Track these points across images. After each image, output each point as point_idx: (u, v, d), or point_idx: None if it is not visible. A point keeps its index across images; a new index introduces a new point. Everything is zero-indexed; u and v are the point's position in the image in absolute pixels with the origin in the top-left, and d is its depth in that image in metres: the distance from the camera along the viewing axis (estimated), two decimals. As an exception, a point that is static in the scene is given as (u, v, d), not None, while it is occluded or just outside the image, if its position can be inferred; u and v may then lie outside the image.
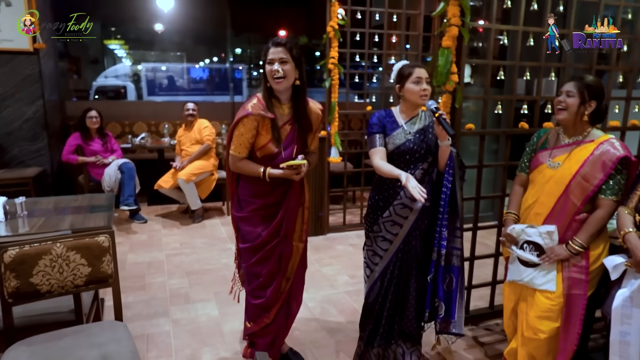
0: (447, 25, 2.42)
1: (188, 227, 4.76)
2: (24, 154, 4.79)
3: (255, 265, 2.19)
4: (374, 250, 2.22)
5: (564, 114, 1.98)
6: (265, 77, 2.04)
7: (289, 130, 2.13)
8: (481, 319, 2.90)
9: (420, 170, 2.13)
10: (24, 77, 4.65)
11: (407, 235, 2.15)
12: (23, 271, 1.82)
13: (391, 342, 2.30)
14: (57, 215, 2.59)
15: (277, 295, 2.23)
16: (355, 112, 5.33)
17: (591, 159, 1.93)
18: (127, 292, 3.21)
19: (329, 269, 3.71)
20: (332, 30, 4.12)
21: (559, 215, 1.99)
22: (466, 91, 5.19)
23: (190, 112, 4.95)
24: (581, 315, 1.95)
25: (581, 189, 1.93)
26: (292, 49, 2.00)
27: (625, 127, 2.86)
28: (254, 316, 2.27)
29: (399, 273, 2.20)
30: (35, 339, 1.78)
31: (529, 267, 2.05)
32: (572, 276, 1.96)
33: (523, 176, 2.23)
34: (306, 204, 2.27)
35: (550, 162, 2.05)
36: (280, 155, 2.11)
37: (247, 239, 2.19)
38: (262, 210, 2.15)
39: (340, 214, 4.83)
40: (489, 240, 3.64)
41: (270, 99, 2.08)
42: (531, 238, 2.03)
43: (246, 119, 2.04)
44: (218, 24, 11.47)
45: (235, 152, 2.09)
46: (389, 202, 2.15)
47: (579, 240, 1.93)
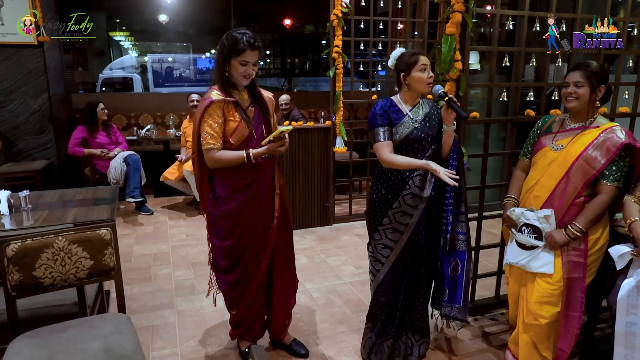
0: (451, 12, 2.37)
1: (194, 218, 4.78)
2: (30, 147, 4.83)
3: (238, 258, 2.19)
4: (384, 244, 2.18)
5: (576, 102, 1.98)
6: (224, 68, 2.05)
7: (254, 112, 2.15)
8: (487, 309, 2.88)
9: (426, 157, 2.10)
10: (29, 71, 4.67)
11: (416, 225, 2.13)
12: (26, 264, 1.83)
13: (402, 333, 2.29)
14: (61, 208, 2.60)
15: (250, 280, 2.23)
16: (361, 101, 5.28)
17: (595, 143, 1.93)
18: (133, 284, 3.24)
19: (335, 259, 3.71)
20: (335, 19, 4.07)
21: (558, 199, 1.98)
22: (474, 78, 5.15)
23: (194, 103, 4.94)
24: (581, 299, 1.94)
25: (583, 172, 1.93)
26: (261, 50, 2.09)
27: (635, 112, 2.80)
28: (235, 303, 2.30)
29: (410, 264, 2.19)
30: (39, 331, 1.80)
31: (526, 249, 2.05)
32: (572, 260, 1.96)
33: (525, 161, 2.23)
34: (277, 191, 2.24)
35: (554, 144, 2.05)
36: (253, 136, 2.11)
37: (227, 235, 2.16)
38: (243, 204, 2.13)
39: (346, 204, 4.82)
40: (496, 229, 3.61)
41: (228, 88, 2.09)
42: (530, 221, 2.03)
43: (211, 108, 2.03)
44: (222, 14, 11.42)
45: (210, 145, 2.04)
46: (398, 192, 2.12)
47: (578, 225, 1.92)
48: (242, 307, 2.30)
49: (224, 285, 2.29)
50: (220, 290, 2.34)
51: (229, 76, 2.07)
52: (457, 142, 2.12)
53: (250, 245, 2.19)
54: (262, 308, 2.36)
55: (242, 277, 2.23)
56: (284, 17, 11.78)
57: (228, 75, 2.07)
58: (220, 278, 2.30)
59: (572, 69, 2.00)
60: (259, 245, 2.22)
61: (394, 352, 2.30)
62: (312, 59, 15.31)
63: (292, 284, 2.43)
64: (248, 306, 2.29)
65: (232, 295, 2.29)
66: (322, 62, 12.62)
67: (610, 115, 2.71)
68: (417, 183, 2.08)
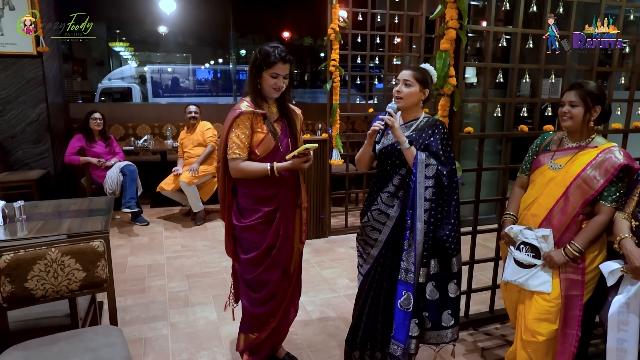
0: (445, 28, 2.40)
1: (190, 229, 4.77)
2: (27, 157, 4.83)
3: (264, 273, 2.15)
4: (360, 252, 2.24)
5: (570, 122, 1.99)
6: (256, 80, 2.08)
7: (281, 126, 2.17)
8: (481, 324, 2.87)
9: (398, 176, 2.06)
10: (28, 81, 4.69)
11: (385, 243, 2.10)
12: (18, 276, 1.83)
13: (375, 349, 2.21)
14: (56, 218, 2.60)
15: (283, 297, 2.24)
16: (358, 114, 5.31)
17: (593, 164, 1.93)
18: (126, 295, 3.22)
19: (330, 272, 3.70)
20: (332, 33, 4.11)
21: (557, 217, 1.99)
22: (472, 92, 5.18)
23: (192, 114, 4.97)
24: (579, 317, 1.94)
25: (582, 192, 1.94)
26: (292, 64, 2.10)
27: (627, 129, 2.82)
28: (259, 325, 2.22)
29: (379, 278, 2.14)
30: (29, 344, 1.79)
31: (524, 268, 2.05)
32: (569, 277, 1.96)
33: (524, 178, 2.24)
34: (304, 204, 2.27)
35: (552, 163, 2.06)
36: (279, 149, 2.12)
37: (253, 247, 2.14)
38: (268, 216, 2.12)
39: (342, 216, 4.82)
40: (491, 243, 3.61)
41: (259, 100, 2.11)
42: (528, 240, 2.03)
43: (239, 119, 2.05)
44: (221, 26, 11.50)
45: (236, 155, 2.05)
46: (369, 206, 2.14)
47: (577, 245, 1.92)
48: (266, 330, 2.22)
49: (251, 302, 2.19)
50: (244, 306, 2.23)
51: (261, 89, 2.10)
52: (417, 165, 1.93)
53: (280, 260, 2.18)
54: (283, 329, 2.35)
55: (276, 294, 2.20)
56: (283, 30, 11.87)
57: (260, 88, 2.09)
58: (248, 294, 2.20)
59: (569, 89, 2.02)
60: (289, 259, 2.23)
61: None
62: (311, 71, 15.37)
63: (298, 298, 2.42)
64: (274, 328, 2.24)
65: (258, 314, 2.19)
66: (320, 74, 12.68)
67: (603, 131, 2.73)
68: (384, 199, 2.07)
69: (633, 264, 1.67)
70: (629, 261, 1.70)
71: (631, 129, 2.83)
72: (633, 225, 1.79)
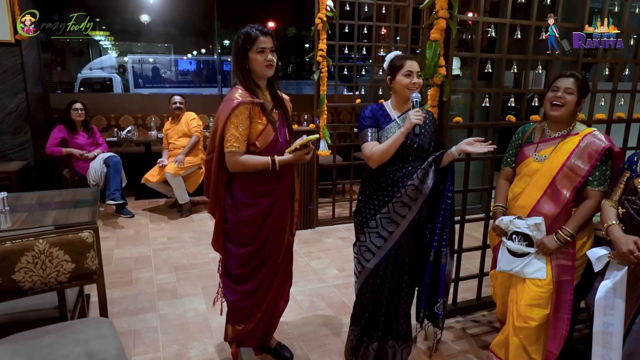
0: (435, 18, 2.40)
1: (176, 221, 4.73)
2: (6, 148, 4.71)
3: (253, 267, 2.14)
4: (367, 247, 2.17)
5: (562, 110, 2.01)
6: (245, 66, 2.00)
7: (277, 115, 2.11)
8: (468, 311, 2.92)
9: (415, 167, 2.09)
10: (6, 69, 4.56)
11: (402, 234, 2.12)
12: (5, 268, 1.78)
13: (388, 338, 2.30)
14: (41, 210, 2.54)
15: (268, 289, 2.21)
16: (345, 105, 5.31)
17: (577, 151, 1.98)
18: (113, 288, 3.18)
19: (318, 262, 3.71)
20: (320, 22, 4.09)
21: (544, 208, 2.03)
22: (455, 84, 5.22)
23: (177, 105, 4.89)
24: (570, 301, 2.01)
25: (569, 180, 1.98)
26: (274, 37, 2.02)
27: (610, 119, 2.88)
28: (245, 317, 2.22)
29: (392, 270, 2.18)
30: (18, 337, 1.75)
31: (518, 257, 2.08)
32: (560, 263, 2.01)
33: (508, 170, 2.27)
34: (297, 197, 2.25)
35: (537, 155, 2.10)
36: (278, 140, 2.07)
37: (248, 242, 2.10)
38: (265, 210, 2.09)
39: (329, 207, 4.83)
40: (477, 232, 3.66)
41: (253, 87, 2.04)
42: (520, 229, 2.06)
43: (238, 109, 1.94)
44: (205, 15, 11.34)
45: (234, 148, 1.95)
46: (389, 197, 2.10)
47: (568, 230, 1.96)
48: (252, 321, 2.21)
49: (236, 295, 2.18)
50: (229, 300, 2.23)
51: (252, 73, 2.01)
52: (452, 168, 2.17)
53: (271, 252, 2.15)
54: (273, 320, 2.34)
55: (261, 286, 2.17)
56: (267, 20, 11.76)
57: (250, 73, 2.01)
58: (232, 288, 2.19)
59: (565, 76, 2.02)
60: (278, 251, 2.19)
61: (381, 357, 2.32)
62: (295, 62, 15.28)
63: (289, 289, 2.41)
64: (260, 319, 2.22)
65: (243, 307, 2.19)
66: (304, 65, 12.61)
67: (587, 121, 2.79)
68: (409, 193, 2.07)
69: (620, 250, 1.71)
70: (616, 247, 1.74)
71: (614, 119, 2.89)
72: (620, 212, 1.83)
